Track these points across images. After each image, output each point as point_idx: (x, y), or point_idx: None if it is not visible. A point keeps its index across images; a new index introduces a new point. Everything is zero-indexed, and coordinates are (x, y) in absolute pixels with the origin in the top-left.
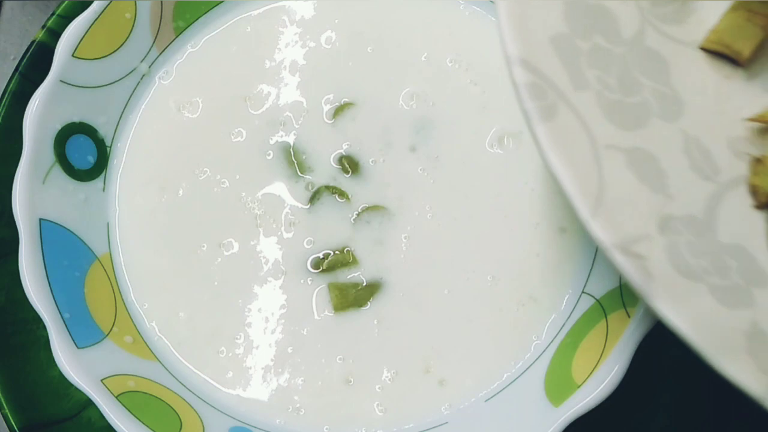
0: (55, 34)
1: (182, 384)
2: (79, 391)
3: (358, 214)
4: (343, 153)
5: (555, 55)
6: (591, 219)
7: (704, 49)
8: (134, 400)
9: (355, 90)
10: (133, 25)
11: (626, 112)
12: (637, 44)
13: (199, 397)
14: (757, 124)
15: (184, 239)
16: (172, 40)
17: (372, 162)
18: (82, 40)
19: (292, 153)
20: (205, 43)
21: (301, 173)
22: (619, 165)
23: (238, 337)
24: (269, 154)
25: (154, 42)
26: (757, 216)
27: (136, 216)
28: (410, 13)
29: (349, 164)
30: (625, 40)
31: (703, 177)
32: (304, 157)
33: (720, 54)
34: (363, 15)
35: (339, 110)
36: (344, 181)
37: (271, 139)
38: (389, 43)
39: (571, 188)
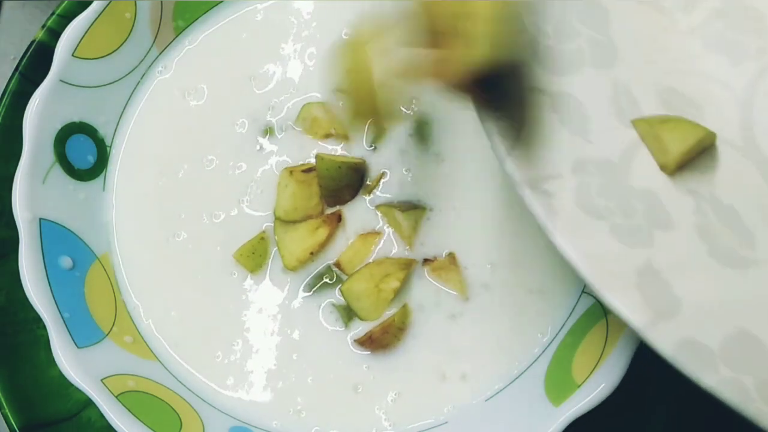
0: (55, 33)
1: (182, 384)
2: (79, 391)
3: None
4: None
5: None
6: (506, 156)
7: None
8: (134, 400)
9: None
10: (133, 25)
11: (558, 58)
12: None
13: (199, 396)
14: None
15: (185, 239)
16: (172, 40)
17: (375, 160)
18: (82, 39)
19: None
20: (204, 42)
21: None
22: (542, 107)
23: (236, 343)
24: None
25: (154, 42)
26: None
27: (136, 215)
28: None
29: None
30: None
31: (626, 125)
32: None
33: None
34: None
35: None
36: None
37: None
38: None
39: (490, 127)
